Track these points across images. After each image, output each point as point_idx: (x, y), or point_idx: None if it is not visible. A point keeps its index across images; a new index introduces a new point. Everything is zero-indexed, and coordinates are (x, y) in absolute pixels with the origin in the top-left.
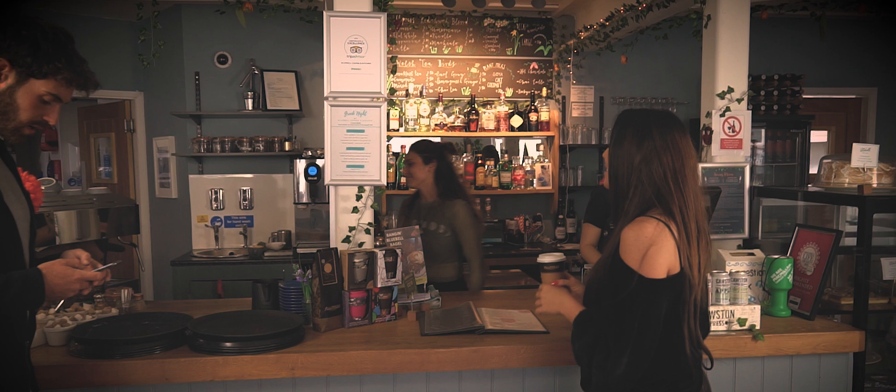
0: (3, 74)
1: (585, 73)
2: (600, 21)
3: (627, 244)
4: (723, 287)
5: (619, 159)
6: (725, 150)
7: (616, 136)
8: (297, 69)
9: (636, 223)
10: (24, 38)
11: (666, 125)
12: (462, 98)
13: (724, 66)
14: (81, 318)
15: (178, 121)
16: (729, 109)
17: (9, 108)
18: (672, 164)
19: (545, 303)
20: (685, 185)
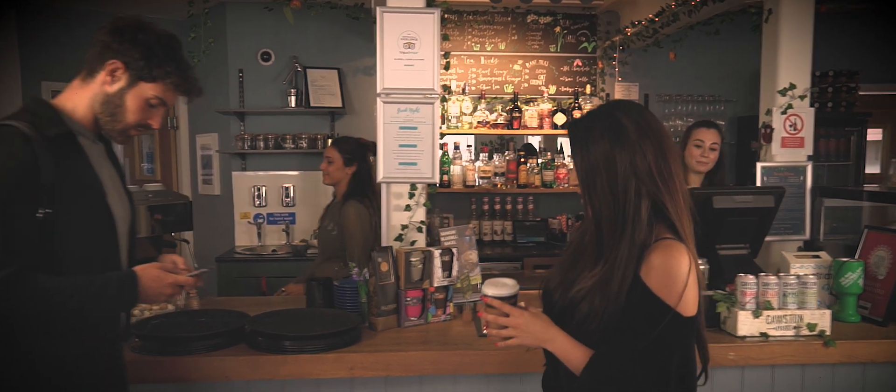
0: (117, 76)
1: (630, 70)
2: (649, 17)
3: (659, 273)
4: (790, 290)
5: (599, 166)
6: (786, 149)
7: (580, 142)
8: (340, 66)
9: (665, 249)
10: (139, 42)
11: (632, 106)
12: (505, 95)
13: (787, 62)
14: (139, 314)
15: (221, 118)
16: (791, 107)
17: (118, 109)
18: (655, 149)
19: (522, 333)
20: (671, 178)
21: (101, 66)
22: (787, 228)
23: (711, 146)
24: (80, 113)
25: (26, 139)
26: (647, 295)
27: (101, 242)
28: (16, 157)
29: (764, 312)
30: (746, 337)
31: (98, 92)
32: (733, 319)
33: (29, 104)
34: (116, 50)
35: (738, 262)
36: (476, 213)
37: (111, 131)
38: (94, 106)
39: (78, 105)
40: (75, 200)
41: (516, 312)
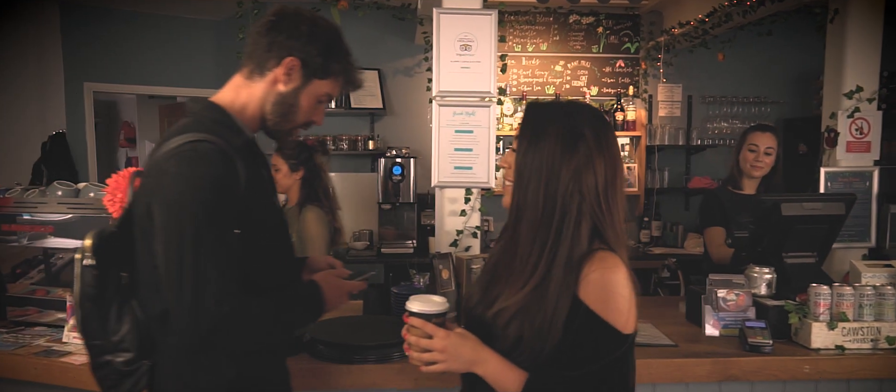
0: (293, 75)
1: (673, 71)
2: (699, 17)
3: (599, 289)
4: (867, 302)
5: (541, 167)
6: (852, 154)
7: (531, 135)
8: (380, 67)
9: (602, 261)
10: (316, 38)
11: (598, 120)
12: (546, 97)
13: (853, 64)
14: None
15: None
16: (857, 110)
17: (291, 109)
18: (606, 173)
19: (448, 357)
20: (616, 204)
21: (274, 64)
22: (852, 235)
23: (766, 150)
24: (249, 113)
25: (225, 156)
26: (589, 316)
27: (281, 252)
28: (221, 178)
29: (840, 324)
30: (820, 349)
31: (270, 91)
32: (806, 331)
33: (203, 111)
34: (292, 46)
35: (805, 271)
36: None
37: (278, 131)
38: (265, 106)
39: (247, 105)
40: (260, 213)
41: (442, 334)
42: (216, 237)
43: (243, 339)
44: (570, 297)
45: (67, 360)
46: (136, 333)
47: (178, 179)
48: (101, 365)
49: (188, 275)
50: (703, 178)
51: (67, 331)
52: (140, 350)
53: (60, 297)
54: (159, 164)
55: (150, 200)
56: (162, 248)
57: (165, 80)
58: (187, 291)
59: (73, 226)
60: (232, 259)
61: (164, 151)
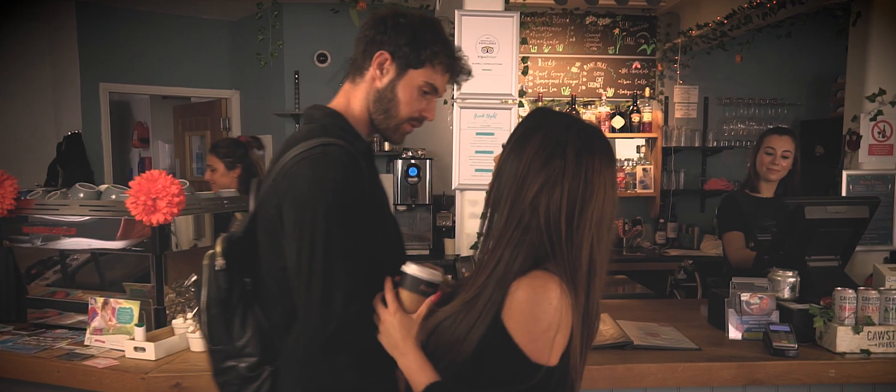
0: (385, 68)
1: (690, 73)
2: (718, 18)
3: (520, 312)
4: (892, 305)
5: (514, 174)
6: (874, 157)
7: (517, 139)
8: None
9: (531, 279)
10: (402, 28)
11: (589, 143)
12: (562, 98)
13: (876, 67)
14: None
15: (275, 119)
16: (880, 113)
17: (391, 104)
18: (574, 195)
19: (384, 331)
20: (580, 234)
21: (368, 62)
22: (873, 238)
23: (783, 154)
24: (359, 117)
25: (353, 159)
26: (503, 338)
27: (398, 258)
28: (350, 181)
29: (865, 328)
30: (846, 354)
31: (369, 90)
32: (831, 335)
33: (326, 117)
34: (381, 41)
35: (828, 275)
36: None
37: (386, 130)
38: (369, 105)
39: (356, 109)
40: (379, 218)
41: (393, 308)
42: (346, 237)
43: (367, 340)
44: (491, 315)
45: (90, 363)
46: (259, 338)
47: (310, 182)
48: (224, 370)
49: (318, 273)
50: (719, 180)
51: (89, 333)
52: (263, 355)
53: (81, 299)
54: (289, 167)
55: (280, 202)
56: (293, 248)
57: (180, 81)
58: (316, 289)
59: (92, 227)
60: (361, 260)
61: (293, 155)
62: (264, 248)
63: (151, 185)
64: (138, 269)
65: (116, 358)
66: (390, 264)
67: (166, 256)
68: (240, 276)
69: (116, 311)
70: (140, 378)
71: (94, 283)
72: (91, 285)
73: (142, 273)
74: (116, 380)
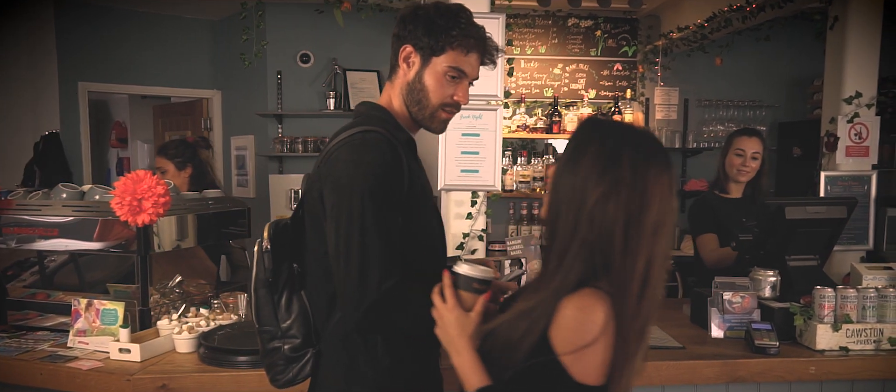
0: (411, 61)
1: (670, 75)
2: (698, 21)
3: (565, 329)
4: (870, 304)
5: (571, 185)
6: (851, 158)
7: (572, 152)
8: (380, 69)
9: (580, 298)
10: (419, 18)
11: (644, 153)
12: (544, 99)
13: (853, 70)
14: (206, 324)
15: (257, 119)
16: (857, 115)
17: (421, 94)
18: (631, 207)
19: (442, 325)
20: (638, 245)
21: (397, 59)
22: (850, 238)
23: (753, 155)
24: (399, 112)
25: (392, 145)
26: (547, 353)
27: (435, 250)
28: (387, 164)
29: (844, 326)
30: (825, 351)
31: (402, 84)
32: (811, 333)
33: (370, 110)
34: (404, 37)
35: (807, 274)
36: (514, 217)
37: (424, 120)
38: (405, 100)
39: (396, 105)
40: (419, 209)
41: (451, 303)
42: (383, 217)
43: (400, 319)
44: (541, 328)
45: (74, 365)
46: (303, 321)
47: (348, 164)
48: (271, 351)
49: (355, 251)
50: (700, 181)
51: (72, 335)
52: (306, 338)
53: (62, 300)
54: (331, 153)
55: (321, 186)
56: (333, 228)
57: (161, 80)
58: (354, 267)
59: (74, 228)
60: (396, 239)
61: (335, 142)
62: (310, 232)
63: (137, 186)
64: (119, 271)
65: (101, 360)
66: (430, 255)
67: (151, 257)
68: (287, 260)
69: (100, 313)
70: (125, 380)
71: (74, 284)
72: (71, 287)
73: (123, 274)
74: (101, 381)
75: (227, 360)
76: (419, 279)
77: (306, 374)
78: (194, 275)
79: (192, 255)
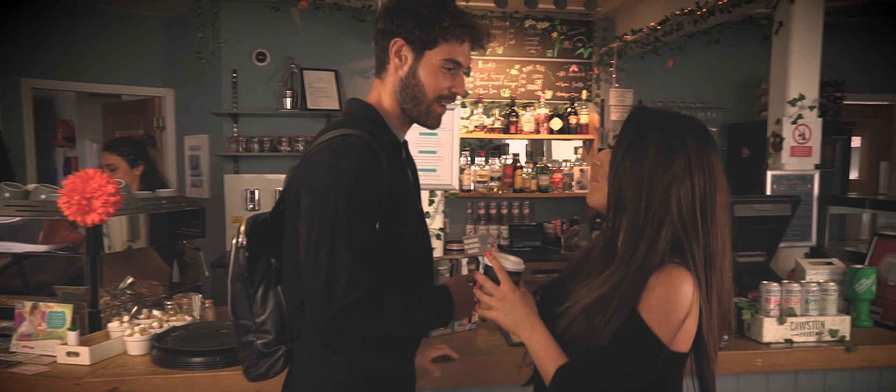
0: (403, 56)
1: (625, 76)
2: (651, 24)
3: (657, 302)
4: (812, 297)
5: (640, 172)
6: (796, 158)
7: (632, 139)
8: (338, 68)
9: (668, 275)
10: (407, 11)
11: (703, 137)
12: (502, 100)
13: (796, 73)
14: (159, 326)
15: (212, 119)
16: (801, 117)
17: (416, 89)
18: (704, 188)
19: (506, 309)
20: (714, 223)
21: (386, 54)
22: (795, 235)
23: None
24: (390, 111)
25: (372, 150)
26: (641, 327)
27: (419, 253)
28: (364, 170)
29: (788, 319)
30: (771, 343)
31: (394, 81)
32: (758, 326)
33: (357, 109)
34: (392, 30)
35: (755, 269)
36: (472, 217)
37: (420, 116)
38: (397, 97)
39: (386, 103)
40: (400, 213)
41: (510, 286)
42: (355, 225)
43: (368, 329)
44: (628, 308)
45: (18, 370)
46: (277, 317)
47: (324, 169)
48: (245, 344)
49: (324, 258)
50: None
51: (15, 339)
52: (279, 334)
53: (5, 304)
54: (311, 155)
55: (299, 188)
56: (304, 232)
57: (110, 78)
58: (321, 273)
59: (18, 229)
60: (369, 248)
61: (316, 143)
62: (288, 230)
63: (86, 185)
64: (68, 273)
65: (47, 364)
66: (411, 259)
67: (101, 258)
68: (264, 256)
69: (47, 316)
70: (74, 384)
71: (18, 287)
72: (14, 290)
73: (71, 276)
74: (49, 386)
75: (180, 361)
76: (393, 289)
77: (278, 370)
78: (147, 276)
79: (145, 255)
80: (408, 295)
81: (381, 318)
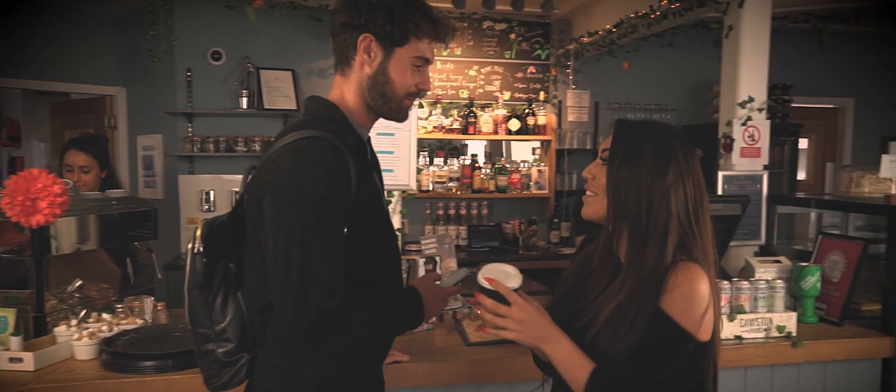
0: (372, 52)
1: (582, 78)
2: (607, 27)
3: (681, 297)
4: (761, 295)
5: (638, 181)
6: (745, 159)
7: (626, 152)
8: (295, 68)
9: (686, 272)
10: (377, 7)
11: (686, 144)
12: (460, 101)
13: (746, 76)
14: (108, 330)
15: (167, 118)
16: (750, 119)
17: (386, 87)
18: (694, 191)
19: (524, 330)
20: (705, 222)
21: (353, 50)
22: (746, 234)
23: None
24: (356, 108)
25: (339, 154)
26: (667, 323)
27: (387, 256)
28: (332, 174)
29: (738, 316)
30: (722, 340)
31: (361, 78)
32: None
33: (320, 109)
34: (360, 25)
35: None
36: (430, 217)
37: (387, 113)
38: (364, 95)
39: (350, 101)
40: (368, 214)
41: (522, 304)
42: (325, 233)
43: (342, 339)
44: (651, 308)
45: None
46: (238, 325)
47: (290, 174)
48: (204, 353)
49: (295, 269)
50: None
51: None
52: (241, 342)
53: None
54: (273, 158)
55: (261, 194)
56: (271, 242)
57: (58, 75)
58: (293, 285)
59: None
60: (340, 256)
61: (279, 146)
62: (249, 236)
63: (31, 185)
64: (12, 276)
65: None
66: (379, 263)
67: (48, 261)
68: (223, 260)
69: None
70: (17, 390)
71: None
72: None
73: (16, 279)
74: None
75: (131, 365)
76: (365, 297)
77: (241, 379)
78: (97, 278)
79: (95, 258)
80: (380, 301)
81: (355, 327)
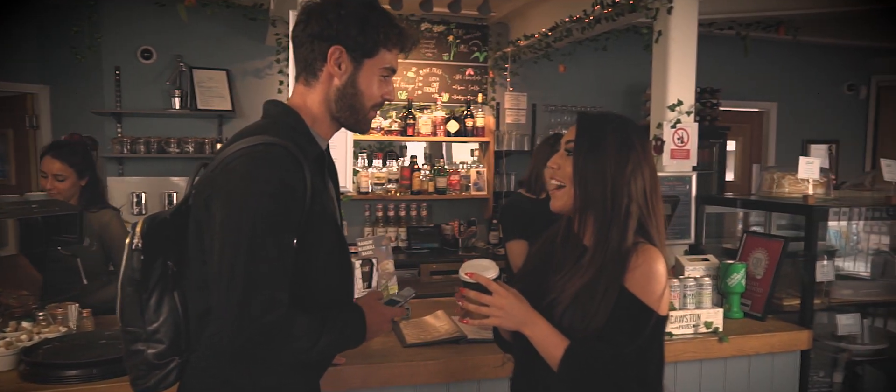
0: (342, 64)
1: (519, 81)
2: (542, 30)
3: (642, 277)
4: (690, 292)
5: (603, 171)
6: (675, 160)
7: (591, 142)
8: (229, 68)
9: (646, 254)
10: (349, 17)
11: (641, 132)
12: (399, 102)
13: (675, 80)
14: (28, 339)
15: (94, 118)
16: (679, 121)
17: (354, 98)
18: (650, 179)
19: (505, 315)
20: (658, 205)
21: (321, 61)
22: (676, 233)
23: None
24: (320, 118)
25: (296, 163)
26: (632, 300)
27: (337, 271)
28: (286, 183)
29: (669, 313)
30: None
31: (328, 89)
32: None
33: (281, 115)
34: (330, 35)
35: None
36: (369, 219)
37: (354, 124)
38: (330, 106)
39: (314, 109)
40: (320, 228)
41: (503, 292)
42: (274, 244)
43: (281, 353)
44: (617, 287)
45: None
46: (172, 326)
47: (245, 179)
48: (133, 353)
49: (240, 277)
50: None
51: None
52: (173, 344)
53: None
54: (228, 160)
55: (211, 195)
56: (217, 245)
57: None
58: (235, 294)
59: None
60: (286, 269)
61: (235, 149)
62: (193, 235)
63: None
64: None
65: None
66: (328, 278)
67: None
68: (161, 258)
69: None
70: None
71: None
72: None
73: None
74: None
75: (52, 375)
76: (307, 312)
77: (169, 384)
78: (16, 285)
79: (13, 263)
80: (323, 318)
81: (295, 342)
